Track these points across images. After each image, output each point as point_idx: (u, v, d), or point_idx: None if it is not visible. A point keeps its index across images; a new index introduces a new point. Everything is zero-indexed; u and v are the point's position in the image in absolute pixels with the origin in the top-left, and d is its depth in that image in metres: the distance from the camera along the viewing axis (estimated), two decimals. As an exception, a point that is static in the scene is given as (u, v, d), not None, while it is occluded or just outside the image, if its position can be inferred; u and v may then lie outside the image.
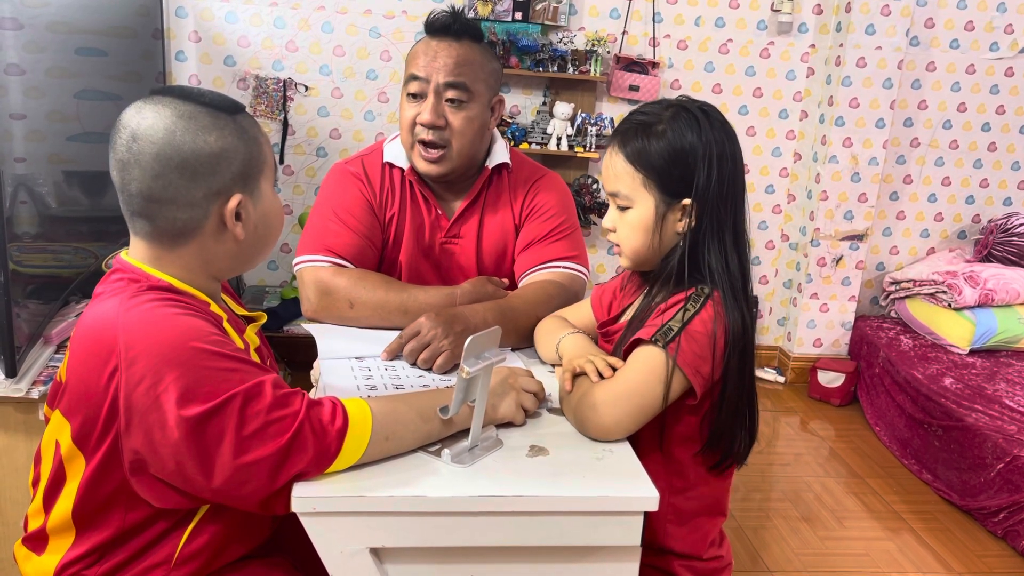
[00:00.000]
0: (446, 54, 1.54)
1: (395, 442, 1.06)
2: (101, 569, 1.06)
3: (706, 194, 1.17)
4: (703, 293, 1.17)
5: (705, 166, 1.16)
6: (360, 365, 1.38)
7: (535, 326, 1.50)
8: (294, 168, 3.32)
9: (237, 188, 1.06)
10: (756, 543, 2.41)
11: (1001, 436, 2.59)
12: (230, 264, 1.12)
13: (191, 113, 1.03)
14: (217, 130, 1.04)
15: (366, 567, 1.02)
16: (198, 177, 1.02)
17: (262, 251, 1.15)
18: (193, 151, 1.01)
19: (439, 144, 1.57)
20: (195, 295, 1.08)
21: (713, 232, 1.19)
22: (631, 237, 1.23)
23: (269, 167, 1.12)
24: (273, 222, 1.14)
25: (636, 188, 1.20)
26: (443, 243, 1.69)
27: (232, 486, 0.96)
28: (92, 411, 0.99)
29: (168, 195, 1.02)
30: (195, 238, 1.06)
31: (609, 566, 1.09)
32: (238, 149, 1.05)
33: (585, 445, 1.15)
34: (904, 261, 3.81)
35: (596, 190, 3.40)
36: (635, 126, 1.20)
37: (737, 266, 1.20)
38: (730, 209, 1.19)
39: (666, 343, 1.13)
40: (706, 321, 1.15)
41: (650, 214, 1.20)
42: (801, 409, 3.45)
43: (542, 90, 3.37)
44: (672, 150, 1.17)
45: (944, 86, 3.58)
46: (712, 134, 1.17)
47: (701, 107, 1.21)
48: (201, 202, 1.04)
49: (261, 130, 1.13)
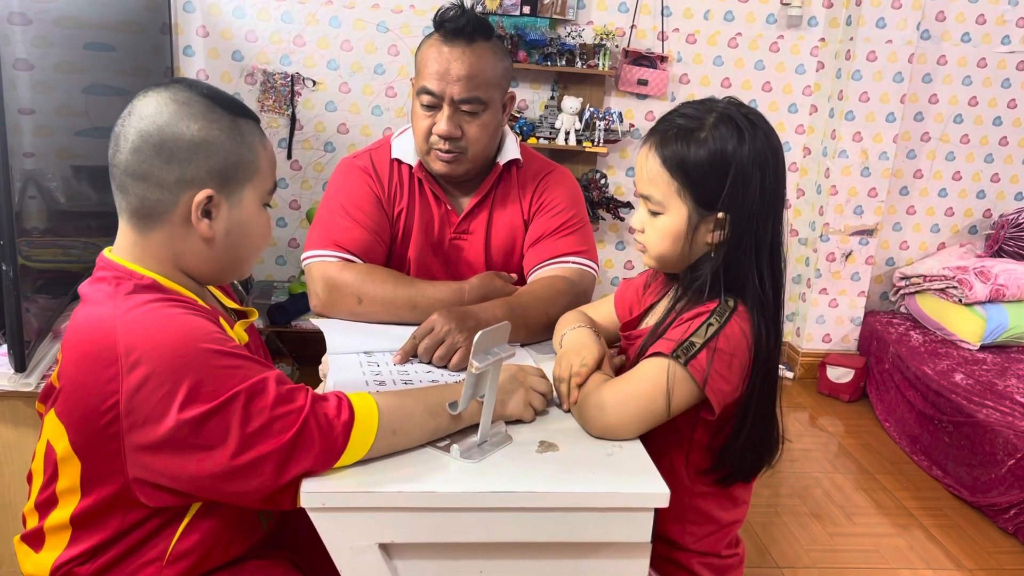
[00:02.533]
0: (459, 65, 1.51)
1: (403, 437, 1.06)
2: (94, 566, 1.05)
3: (743, 208, 1.12)
4: (728, 308, 1.13)
5: (744, 180, 1.11)
6: (369, 360, 1.37)
7: (544, 322, 1.49)
8: (302, 163, 3.31)
9: (212, 184, 1.04)
10: (765, 539, 2.41)
11: (1012, 432, 2.57)
12: (201, 265, 1.09)
13: (187, 100, 1.03)
14: (205, 121, 1.03)
15: (375, 563, 1.02)
16: (173, 160, 1.02)
17: (238, 262, 1.12)
18: (173, 134, 1.02)
19: (455, 151, 1.57)
20: (181, 292, 1.07)
21: (749, 247, 1.14)
22: (659, 243, 1.18)
23: (261, 179, 1.10)
24: (252, 234, 1.11)
25: (670, 195, 1.15)
26: (452, 239, 1.68)
27: (236, 483, 0.96)
28: (90, 416, 0.97)
29: (142, 171, 1.02)
30: (163, 224, 1.05)
31: (619, 562, 1.09)
32: (222, 145, 1.04)
33: (595, 441, 1.14)
34: (914, 256, 3.79)
35: (605, 185, 3.38)
36: (676, 129, 1.14)
37: (771, 283, 1.16)
38: (769, 224, 1.15)
39: (687, 360, 1.10)
40: (729, 338, 1.11)
41: (682, 223, 1.15)
42: (810, 405, 3.44)
43: (550, 84, 3.35)
44: (712, 160, 1.11)
45: (955, 80, 3.55)
46: (756, 146, 1.11)
47: (747, 115, 1.14)
48: (172, 187, 1.03)
49: (266, 144, 1.11)
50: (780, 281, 1.18)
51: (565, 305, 1.51)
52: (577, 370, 1.19)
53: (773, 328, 1.16)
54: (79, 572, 1.05)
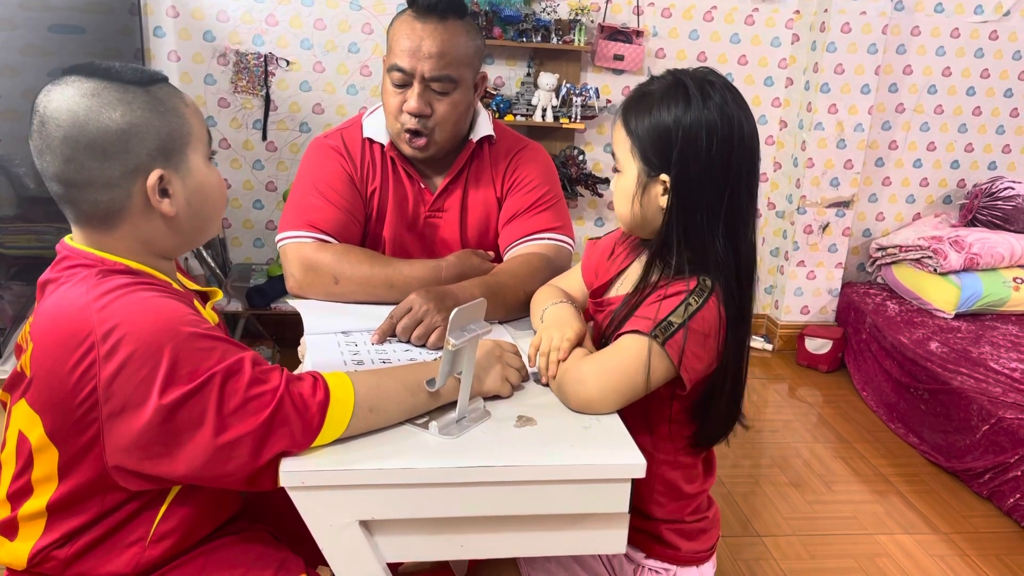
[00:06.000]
0: (430, 42, 1.50)
1: (380, 414, 1.06)
2: (72, 549, 1.04)
3: (687, 173, 1.14)
4: (706, 288, 1.15)
5: (689, 145, 1.13)
6: (346, 340, 1.37)
7: (522, 300, 1.50)
8: (277, 144, 3.28)
9: (157, 164, 1.01)
10: (746, 509, 2.44)
11: (986, 398, 2.62)
12: (173, 241, 1.08)
13: (95, 90, 0.98)
14: (124, 105, 0.99)
15: (356, 539, 1.03)
16: (110, 156, 0.98)
17: (205, 225, 1.11)
18: (99, 130, 0.97)
19: (424, 132, 1.56)
20: (154, 275, 1.06)
21: (705, 216, 1.15)
22: (618, 201, 1.24)
23: (198, 138, 1.07)
24: (210, 194, 1.09)
25: (625, 153, 1.20)
26: (427, 217, 1.68)
27: (215, 465, 0.96)
28: (66, 404, 0.95)
29: (83, 178, 0.98)
30: (124, 220, 1.02)
31: (598, 533, 1.10)
32: (150, 123, 1.00)
33: (572, 415, 1.15)
34: (890, 227, 3.82)
35: (582, 161, 3.38)
36: (636, 95, 1.20)
37: (735, 256, 1.17)
38: (724, 194, 1.15)
39: (665, 339, 1.12)
40: (708, 320, 1.14)
41: (632, 182, 1.19)
42: (789, 376, 3.47)
43: (526, 61, 3.34)
44: (653, 124, 1.15)
45: (929, 51, 3.57)
46: (703, 113, 1.12)
47: (703, 82, 1.15)
48: (120, 182, 1.00)
49: (187, 100, 1.07)
50: (752, 254, 1.19)
51: (542, 281, 1.52)
52: (558, 344, 1.20)
53: (746, 299, 1.18)
54: (57, 556, 1.05)
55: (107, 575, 1.06)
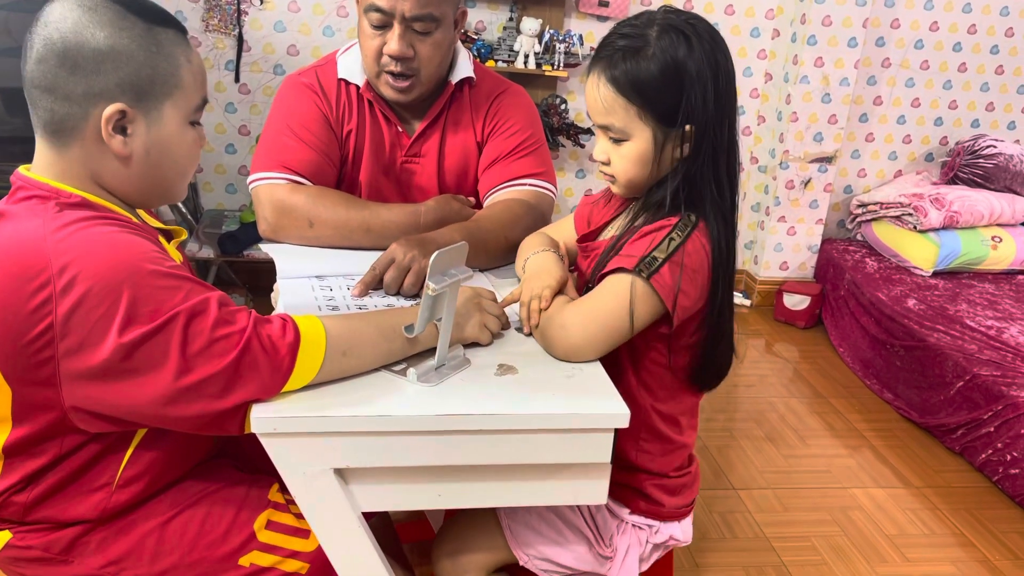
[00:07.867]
0: None
1: (354, 359, 1.02)
2: (33, 493, 1.01)
3: (703, 117, 1.09)
4: (689, 222, 1.12)
5: (700, 87, 1.08)
6: (321, 284, 1.32)
7: (504, 247, 1.46)
8: (250, 87, 3.18)
9: (125, 98, 0.97)
10: (721, 462, 2.45)
11: (961, 355, 2.63)
12: (123, 186, 1.03)
13: (95, 5, 0.96)
14: (114, 28, 0.96)
15: (331, 488, 1.00)
16: (78, 71, 0.95)
17: (164, 183, 1.06)
18: (77, 42, 0.95)
19: (408, 75, 1.49)
20: (115, 210, 1.02)
21: (709, 157, 1.12)
22: (628, 170, 1.16)
23: (184, 95, 1.02)
24: (175, 153, 1.04)
25: (631, 120, 1.11)
26: (404, 162, 1.62)
27: (176, 408, 0.92)
28: (20, 341, 0.91)
29: (47, 83, 0.96)
30: (77, 140, 0.98)
31: (580, 483, 1.08)
32: (133, 56, 0.97)
33: (555, 363, 1.12)
34: (872, 184, 3.81)
35: (565, 111, 3.31)
36: (621, 51, 1.09)
37: (728, 189, 1.15)
38: (726, 130, 1.12)
39: (650, 274, 1.09)
40: (691, 253, 1.10)
41: (648, 146, 1.12)
42: (767, 332, 3.48)
43: (508, 5, 3.24)
44: (665, 73, 1.07)
45: (917, 4, 3.52)
46: (704, 49, 1.08)
47: (688, 20, 1.10)
48: (80, 99, 0.96)
49: (189, 55, 1.03)
50: (735, 185, 1.17)
51: (524, 228, 1.47)
52: (539, 293, 1.17)
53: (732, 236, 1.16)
54: (17, 500, 1.01)
55: (72, 519, 1.04)
